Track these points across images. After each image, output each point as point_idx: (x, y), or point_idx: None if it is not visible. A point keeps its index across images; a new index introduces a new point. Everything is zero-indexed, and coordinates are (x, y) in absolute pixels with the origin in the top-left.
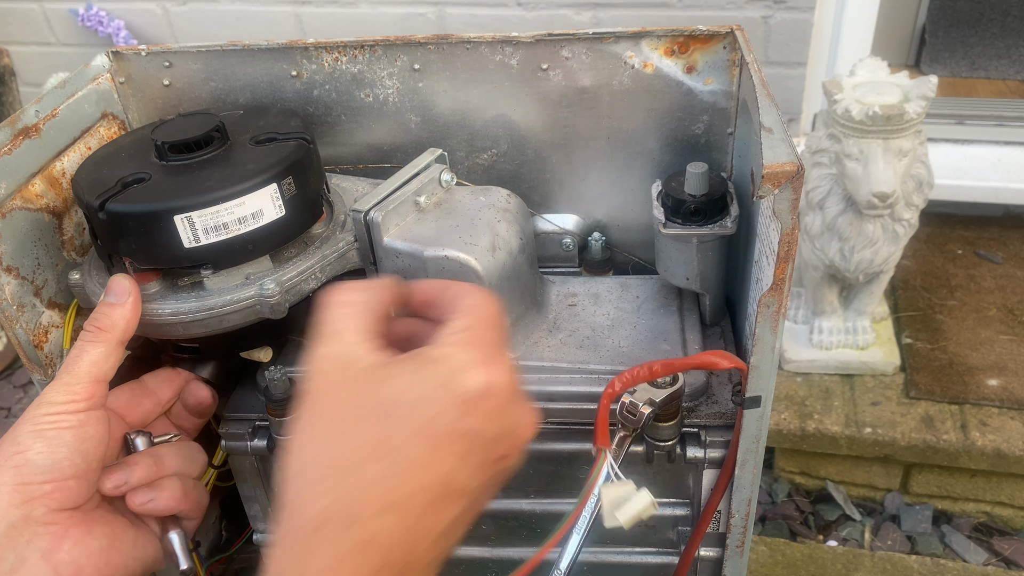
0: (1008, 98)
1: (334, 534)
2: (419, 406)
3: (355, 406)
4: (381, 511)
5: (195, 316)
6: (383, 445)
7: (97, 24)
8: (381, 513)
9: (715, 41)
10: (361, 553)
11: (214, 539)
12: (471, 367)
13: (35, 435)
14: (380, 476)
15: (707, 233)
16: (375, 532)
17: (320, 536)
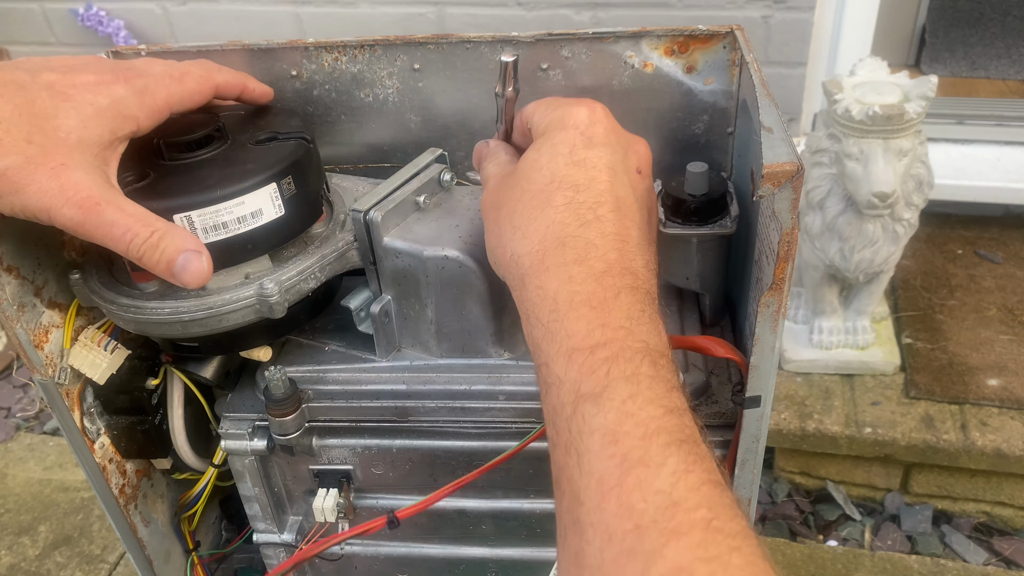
0: (1008, 98)
1: (555, 256)
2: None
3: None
4: (580, 226)
5: (194, 315)
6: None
7: (97, 24)
8: (580, 227)
9: (715, 41)
10: (582, 263)
11: (214, 539)
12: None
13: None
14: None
15: (707, 233)
16: (584, 245)
17: (545, 263)
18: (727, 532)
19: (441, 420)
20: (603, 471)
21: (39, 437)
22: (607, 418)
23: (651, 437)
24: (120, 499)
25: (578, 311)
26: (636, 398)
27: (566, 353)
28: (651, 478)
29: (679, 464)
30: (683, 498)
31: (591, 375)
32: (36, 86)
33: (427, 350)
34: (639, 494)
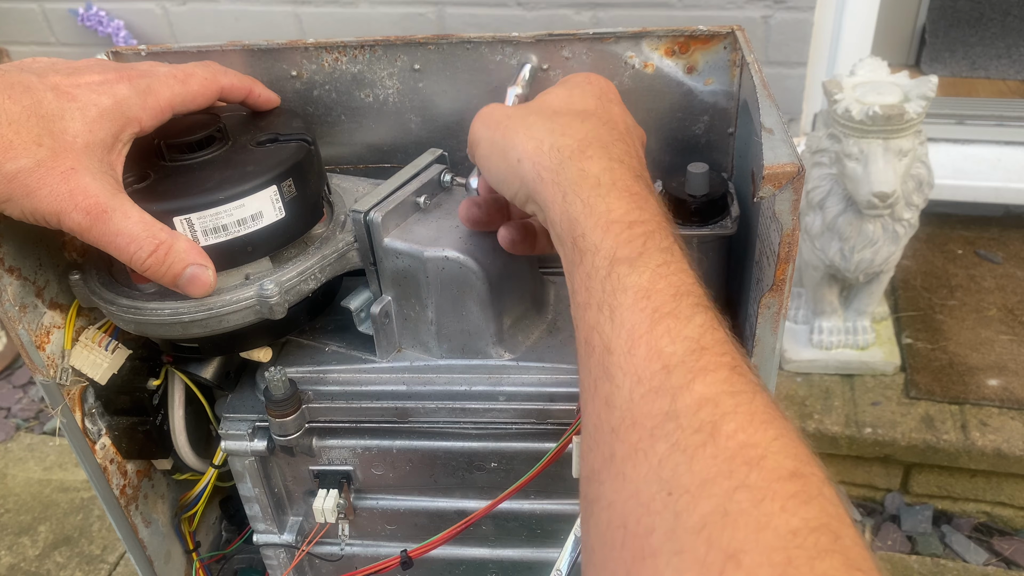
0: (1008, 98)
1: (598, 151)
2: (585, 92)
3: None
4: (616, 141)
5: (194, 316)
6: (583, 112)
7: (97, 24)
8: (617, 142)
9: (715, 41)
10: (622, 163)
11: (214, 539)
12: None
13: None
14: (602, 125)
15: (707, 233)
16: (621, 153)
17: (587, 152)
18: (750, 379)
19: (441, 421)
20: (634, 321)
21: (39, 437)
22: (641, 277)
23: (682, 297)
24: (121, 499)
25: (620, 193)
26: (670, 264)
27: (604, 224)
28: (680, 327)
29: (707, 320)
30: (710, 344)
31: (628, 243)
32: (42, 87)
33: (427, 351)
34: (668, 339)
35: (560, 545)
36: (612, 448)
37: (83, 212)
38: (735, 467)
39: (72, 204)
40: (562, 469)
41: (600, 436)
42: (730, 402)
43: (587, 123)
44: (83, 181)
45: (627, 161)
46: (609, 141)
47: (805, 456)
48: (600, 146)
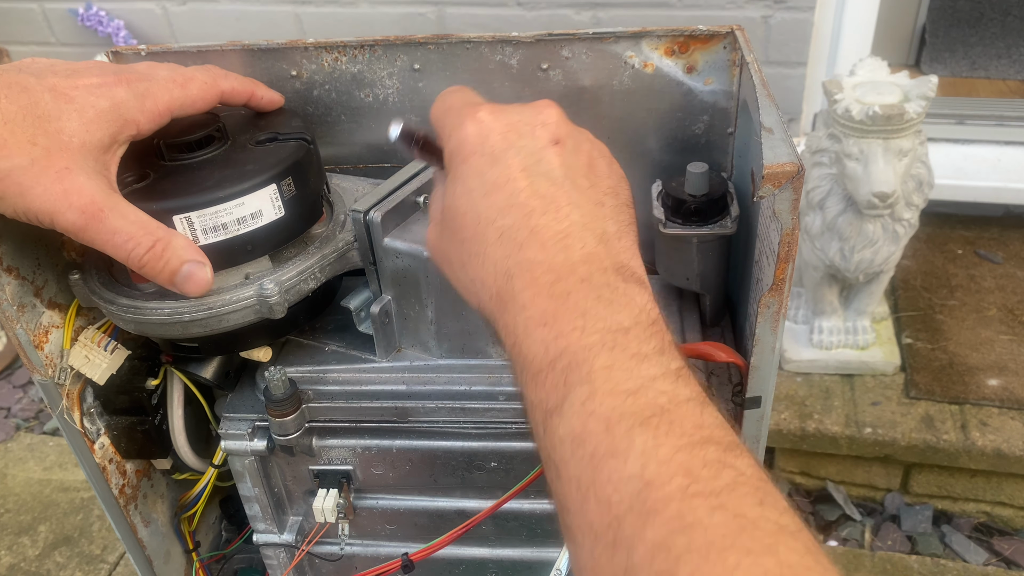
0: (1008, 98)
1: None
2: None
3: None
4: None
5: (194, 316)
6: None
7: (97, 24)
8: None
9: (715, 41)
10: (530, 286)
11: (214, 539)
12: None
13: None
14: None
15: (707, 233)
16: (528, 267)
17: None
18: (707, 493)
19: (441, 420)
20: (578, 474)
21: (39, 437)
22: (572, 424)
23: (613, 427)
24: (120, 499)
25: (533, 336)
26: (594, 396)
27: (532, 378)
28: (620, 467)
29: (647, 442)
30: (655, 476)
31: (554, 391)
32: (40, 88)
33: (427, 350)
34: (612, 486)
35: (560, 545)
36: None
37: (78, 211)
38: None
39: (67, 203)
40: None
41: None
42: (682, 541)
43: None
44: (78, 181)
45: (536, 271)
46: (512, 259)
47: (775, 567)
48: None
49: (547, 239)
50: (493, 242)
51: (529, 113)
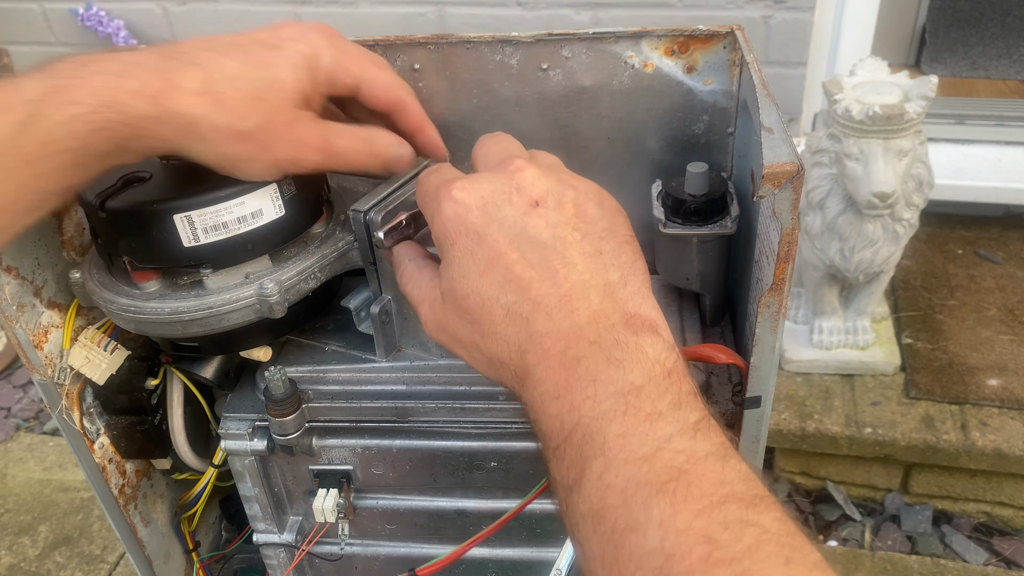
0: (1008, 98)
1: (521, 367)
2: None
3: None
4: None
5: (194, 315)
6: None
7: (97, 24)
8: (527, 325)
9: (715, 41)
10: (543, 358)
11: (214, 539)
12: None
13: None
14: (505, 317)
15: (707, 233)
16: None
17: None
18: (729, 559)
19: (441, 420)
20: (601, 552)
21: (39, 437)
22: (591, 501)
23: (630, 500)
24: (120, 499)
25: (548, 411)
26: (609, 468)
27: (552, 454)
28: (641, 542)
29: (664, 512)
30: (675, 548)
31: (572, 466)
32: (250, 41)
33: (427, 350)
34: (634, 564)
35: (560, 545)
36: None
37: (315, 151)
38: None
39: (304, 147)
40: None
41: None
42: None
43: (498, 330)
44: (304, 125)
45: (542, 358)
46: (524, 336)
47: None
48: (519, 355)
49: (551, 308)
50: (501, 320)
51: (502, 180)
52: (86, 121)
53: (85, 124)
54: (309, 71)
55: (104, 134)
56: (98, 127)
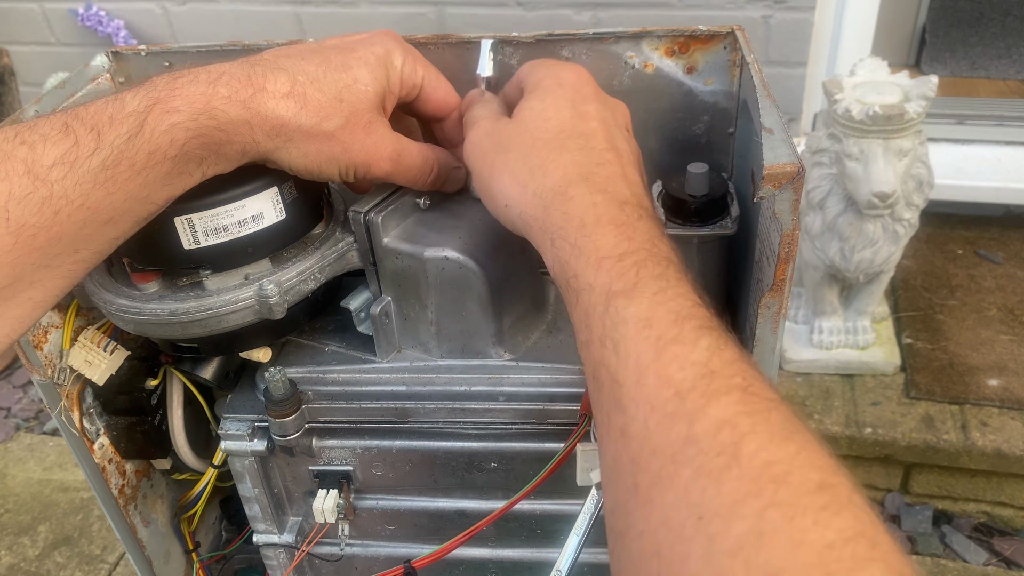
0: (1009, 98)
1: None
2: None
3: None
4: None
5: (194, 316)
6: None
7: (97, 24)
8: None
9: (716, 41)
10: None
11: (214, 539)
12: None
13: None
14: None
15: (707, 234)
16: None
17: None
18: (764, 396)
19: (441, 421)
20: (640, 352)
21: (39, 437)
22: (640, 307)
23: (683, 321)
24: (120, 499)
25: (605, 228)
26: (666, 291)
27: (595, 262)
28: (687, 352)
29: (712, 343)
30: (719, 368)
31: (621, 276)
32: (325, 47)
33: (427, 351)
34: (676, 365)
35: (560, 545)
36: (635, 479)
37: (387, 160)
38: (762, 486)
39: (378, 154)
40: (562, 469)
41: (620, 468)
42: (747, 422)
43: (565, 153)
44: (380, 131)
45: (610, 189)
46: (589, 170)
47: (830, 466)
48: (581, 179)
49: (619, 175)
50: (573, 149)
51: (610, 99)
52: (185, 129)
53: (184, 132)
54: (384, 70)
55: (201, 140)
56: (195, 134)
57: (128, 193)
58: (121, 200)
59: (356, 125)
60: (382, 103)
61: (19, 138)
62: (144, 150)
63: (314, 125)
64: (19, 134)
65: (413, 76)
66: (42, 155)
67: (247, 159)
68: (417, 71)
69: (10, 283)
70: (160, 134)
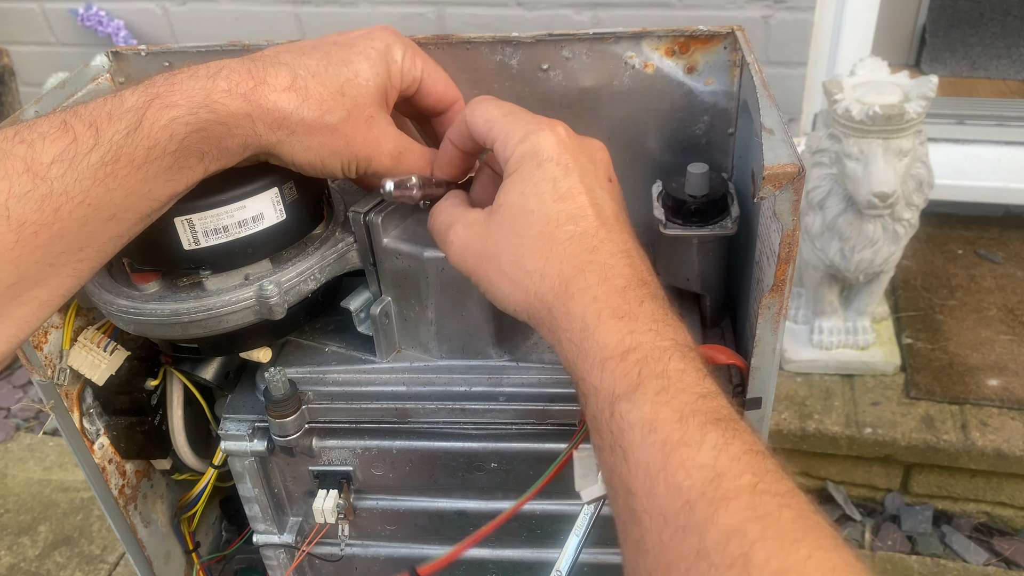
0: (1009, 98)
1: (576, 283)
2: (539, 190)
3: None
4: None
5: (194, 316)
6: (545, 230)
7: (97, 24)
8: (591, 253)
9: (716, 41)
10: (603, 283)
11: (214, 539)
12: (539, 142)
13: None
14: (568, 239)
15: (708, 234)
16: (600, 267)
17: (568, 291)
18: (774, 492)
19: (441, 421)
20: (647, 459)
21: (39, 437)
22: (643, 411)
23: (687, 420)
24: (119, 500)
25: (606, 324)
26: (668, 390)
27: (599, 364)
28: (693, 455)
29: (718, 439)
30: (726, 468)
31: (624, 378)
32: (325, 43)
33: (427, 351)
34: (683, 472)
35: (560, 545)
36: None
37: (388, 155)
38: None
39: (380, 149)
40: (562, 470)
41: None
42: (756, 529)
43: (555, 249)
44: (382, 126)
45: (609, 277)
46: (584, 260)
47: (843, 563)
48: (577, 274)
49: (615, 252)
50: (563, 241)
51: (588, 147)
52: (185, 123)
53: (184, 126)
54: (385, 65)
55: (201, 134)
56: (195, 128)
57: (129, 189)
58: (122, 196)
59: (358, 119)
60: (384, 97)
61: (18, 137)
62: (143, 145)
63: (316, 118)
64: (18, 133)
65: (413, 70)
66: (41, 152)
67: (249, 152)
68: (417, 65)
69: (15, 282)
70: (159, 129)
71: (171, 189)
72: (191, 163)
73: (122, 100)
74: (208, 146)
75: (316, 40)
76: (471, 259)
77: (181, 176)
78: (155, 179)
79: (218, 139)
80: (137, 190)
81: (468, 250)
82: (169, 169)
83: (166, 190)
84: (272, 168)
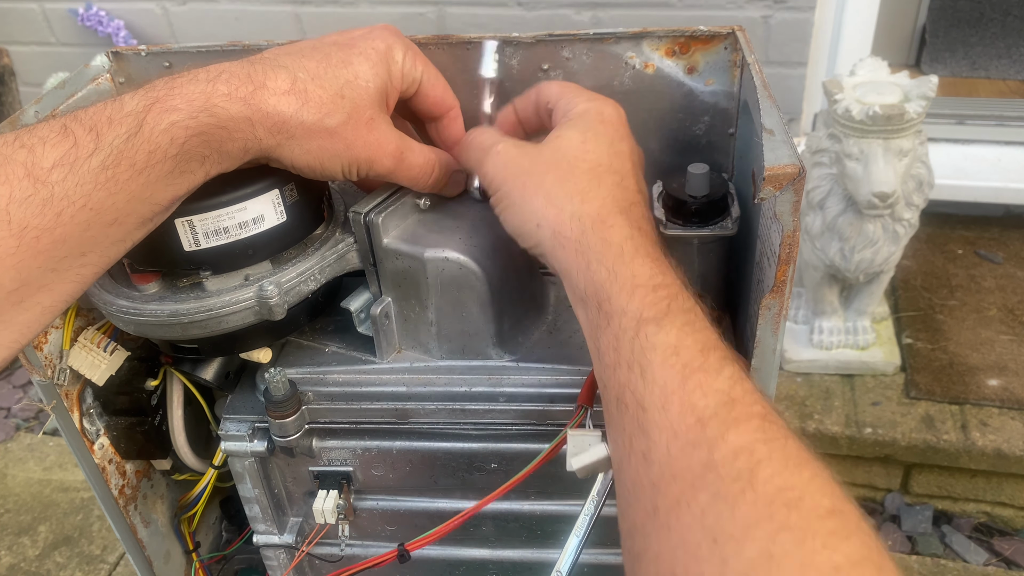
0: (1009, 98)
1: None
2: (599, 140)
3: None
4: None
5: (194, 317)
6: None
7: (97, 24)
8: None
9: (716, 42)
10: (639, 230)
11: (214, 539)
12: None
13: None
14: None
15: (708, 234)
16: (638, 217)
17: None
18: (780, 425)
19: (441, 422)
20: (666, 378)
21: (39, 437)
22: (669, 336)
23: (709, 351)
24: (120, 500)
25: (642, 259)
26: (694, 323)
27: (630, 289)
28: (711, 381)
29: (735, 373)
30: (740, 397)
31: (654, 305)
32: (325, 44)
33: (427, 352)
34: (700, 393)
35: (560, 546)
36: (654, 502)
37: (390, 157)
38: (775, 510)
39: (381, 151)
40: (561, 469)
41: (640, 491)
42: (764, 449)
43: (603, 186)
44: (382, 128)
45: (644, 227)
46: (626, 205)
47: (840, 494)
48: (619, 212)
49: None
50: (610, 185)
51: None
52: (185, 127)
53: (184, 130)
54: (386, 66)
55: (201, 138)
56: (195, 131)
57: (130, 193)
58: (124, 200)
59: (359, 121)
60: (384, 99)
61: (18, 142)
62: (144, 149)
63: (316, 121)
64: (18, 138)
65: (413, 71)
66: (41, 157)
67: (249, 156)
68: (417, 66)
69: (17, 287)
70: (159, 133)
71: (172, 193)
72: (192, 167)
73: (122, 104)
74: (209, 150)
75: (317, 40)
76: (511, 172)
77: (182, 180)
78: (156, 183)
79: (218, 143)
80: (138, 194)
81: (511, 165)
82: (170, 173)
83: (167, 194)
84: (273, 170)
